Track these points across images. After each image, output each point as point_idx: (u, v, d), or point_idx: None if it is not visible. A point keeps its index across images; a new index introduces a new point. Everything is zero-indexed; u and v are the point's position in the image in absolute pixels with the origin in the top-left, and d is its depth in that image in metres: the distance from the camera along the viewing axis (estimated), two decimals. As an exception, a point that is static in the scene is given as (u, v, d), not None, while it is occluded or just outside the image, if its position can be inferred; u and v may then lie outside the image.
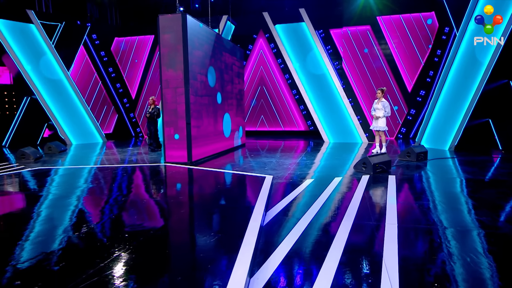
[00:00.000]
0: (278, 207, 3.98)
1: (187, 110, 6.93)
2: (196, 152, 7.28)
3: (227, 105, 9.27)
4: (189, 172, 6.04)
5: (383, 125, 8.21)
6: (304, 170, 6.29)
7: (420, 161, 7.14)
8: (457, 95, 9.12)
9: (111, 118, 13.67)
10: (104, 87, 13.37)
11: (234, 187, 4.95)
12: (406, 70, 12.12)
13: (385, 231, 3.17)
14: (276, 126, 14.26)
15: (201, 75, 7.55)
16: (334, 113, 11.67)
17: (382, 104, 8.00)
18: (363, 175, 5.71)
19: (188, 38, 6.83)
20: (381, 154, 6.15)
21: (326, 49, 13.02)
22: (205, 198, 4.30)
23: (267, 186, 4.60)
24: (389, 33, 12.09)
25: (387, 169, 5.99)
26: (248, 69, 14.36)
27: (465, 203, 4.08)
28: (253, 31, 14.01)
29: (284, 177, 5.61)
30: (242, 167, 6.60)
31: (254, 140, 12.26)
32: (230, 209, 3.78)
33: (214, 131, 8.36)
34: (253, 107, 14.44)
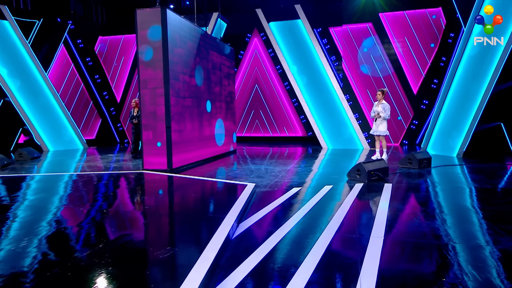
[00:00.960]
0: (254, 218, 3.81)
1: (167, 112, 6.79)
2: (177, 159, 7.13)
3: (215, 108, 9.14)
4: (166, 180, 5.88)
5: (384, 130, 8.05)
6: (293, 178, 6.13)
7: (423, 168, 6.96)
8: (465, 97, 8.96)
9: (94, 123, 13.56)
10: (87, 90, 13.29)
11: (209, 196, 4.78)
12: (411, 71, 12.00)
13: (368, 245, 2.98)
14: (272, 131, 14.13)
15: (184, 75, 7.43)
16: (333, 117, 11.52)
17: (383, 107, 7.85)
18: (356, 183, 5.54)
19: (168, 34, 6.72)
20: (378, 160, 5.97)
21: (325, 49, 12.93)
22: (173, 208, 4.13)
23: (246, 195, 4.43)
24: (392, 31, 11.99)
25: (384, 176, 5.81)
26: (242, 70, 14.28)
27: (468, 215, 3.89)
28: (247, 29, 13.96)
29: (269, 185, 5.47)
30: (226, 175, 6.46)
31: (247, 147, 12.12)
32: (197, 220, 3.60)
33: (199, 136, 8.21)
34: (247, 110, 14.32)
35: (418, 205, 4.31)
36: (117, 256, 2.67)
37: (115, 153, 10.62)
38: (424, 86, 11.87)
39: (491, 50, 8.35)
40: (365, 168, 5.63)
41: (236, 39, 13.94)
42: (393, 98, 12.09)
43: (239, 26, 13.92)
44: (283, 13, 11.82)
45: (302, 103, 11.79)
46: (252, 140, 14.19)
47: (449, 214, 3.92)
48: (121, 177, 6.25)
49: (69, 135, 11.78)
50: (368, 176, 5.62)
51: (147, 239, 3.00)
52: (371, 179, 5.66)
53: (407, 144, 12.19)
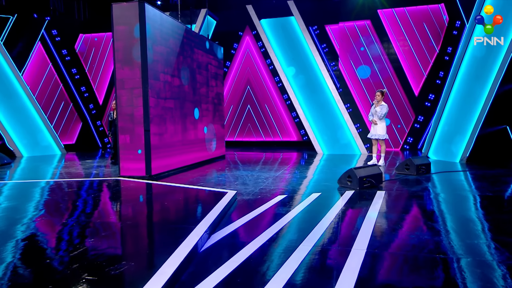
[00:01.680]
0: (229, 229, 3.69)
1: (145, 114, 6.68)
2: (157, 165, 7.01)
3: (201, 111, 9.04)
4: (141, 188, 5.75)
5: (383, 133, 7.97)
6: (280, 185, 6.03)
7: (421, 174, 6.87)
8: (468, 99, 8.90)
9: (74, 127, 13.44)
10: (66, 91, 13.18)
11: (184, 205, 4.66)
12: (412, 71, 11.96)
13: (348, 258, 2.86)
14: (266, 135, 14.04)
15: (166, 74, 7.33)
16: (329, 121, 11.44)
17: (381, 108, 7.79)
18: (347, 191, 5.43)
19: (147, 30, 6.63)
20: (371, 166, 5.87)
21: (321, 48, 12.89)
22: (140, 218, 4.00)
23: (223, 204, 4.31)
24: (392, 29, 11.97)
25: (377, 183, 5.70)
26: (233, 70, 14.22)
27: (467, 226, 3.78)
28: (238, 27, 13.92)
29: (252, 193, 5.37)
30: (209, 182, 6.36)
31: (239, 152, 12.03)
32: (163, 231, 3.48)
33: (183, 140, 8.10)
34: (238, 113, 14.23)
35: (411, 215, 4.20)
36: (62, 273, 2.54)
37: (96, 158, 10.48)
38: (426, 87, 11.83)
39: (494, 50, 8.30)
40: (357, 174, 5.52)
41: (227, 37, 13.90)
42: (393, 100, 12.04)
43: (230, 24, 13.87)
44: (276, 9, 11.79)
45: (295, 106, 11.71)
46: (244, 145, 14.09)
47: (444, 224, 3.81)
48: (93, 185, 6.12)
49: (45, 140, 11.64)
50: (359, 183, 5.51)
51: (100, 253, 2.87)
52: (363, 186, 5.55)
53: (408, 149, 12.12)
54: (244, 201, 4.92)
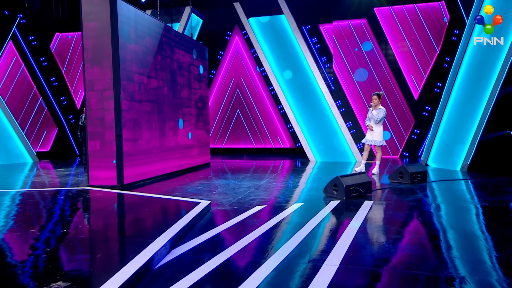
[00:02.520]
0: (193, 243, 3.57)
1: (117, 118, 6.57)
2: (130, 173, 6.88)
3: (182, 115, 8.94)
4: (109, 199, 5.62)
5: (380, 139, 7.89)
6: (261, 194, 5.92)
7: (416, 183, 6.77)
8: (468, 103, 8.84)
9: (49, 133, 13.29)
10: (40, 94, 13.06)
11: (149, 217, 4.54)
12: (411, 73, 11.93)
13: (317, 274, 2.74)
14: (256, 142, 13.95)
15: (141, 75, 7.24)
16: (322, 126, 11.36)
17: (378, 112, 7.72)
18: (332, 201, 5.33)
19: (119, 27, 6.55)
20: (359, 174, 5.77)
21: (315, 48, 12.87)
22: (96, 232, 3.87)
23: (191, 216, 4.19)
24: (389, 28, 11.96)
25: (366, 193, 5.60)
26: (222, 72, 14.18)
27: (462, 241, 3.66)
28: (226, 26, 13.91)
29: (229, 203, 5.26)
30: (186, 191, 6.25)
31: (227, 160, 11.95)
32: (117, 246, 3.35)
33: (161, 146, 7.99)
34: (227, 119, 14.15)
35: (397, 227, 4.09)
36: None
37: (73, 166, 10.32)
38: (426, 90, 11.79)
39: (495, 50, 8.26)
40: (343, 183, 5.42)
41: (215, 37, 13.88)
42: (391, 104, 12.00)
43: (218, 23, 13.86)
44: (265, 7, 11.77)
45: (286, 110, 11.64)
46: (233, 152, 14.00)
47: (433, 238, 3.70)
48: (56, 195, 5.98)
49: (15, 147, 11.49)
50: (346, 192, 5.41)
51: (40, 272, 2.74)
52: (350, 196, 5.45)
53: (408, 156, 12.05)
54: (218, 212, 4.82)
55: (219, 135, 14.25)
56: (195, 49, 9.80)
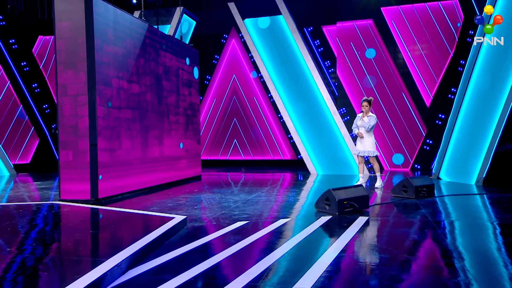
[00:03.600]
0: (157, 261, 3.46)
1: (91, 126, 6.51)
2: (107, 186, 6.79)
3: (169, 123, 8.88)
4: (75, 214, 5.53)
5: (373, 148, 7.81)
6: (247, 209, 5.81)
7: (422, 198, 6.60)
8: (483, 110, 8.69)
9: (30, 144, 13.30)
10: (21, 102, 13.09)
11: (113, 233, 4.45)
12: (422, 78, 11.81)
13: (282, 299, 2.61)
14: (254, 153, 13.86)
15: (120, 79, 7.20)
16: (324, 136, 11.25)
17: (369, 119, 7.66)
18: (323, 216, 5.19)
19: (95, 27, 6.53)
20: (354, 187, 5.64)
21: (318, 52, 12.84)
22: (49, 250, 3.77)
23: (159, 232, 4.08)
24: (398, 30, 11.89)
25: (361, 208, 5.45)
26: (218, 78, 14.18)
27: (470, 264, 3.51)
28: (222, 29, 13.95)
29: (209, 219, 5.17)
30: (165, 207, 6.15)
31: (222, 172, 11.87)
32: (63, 266, 3.24)
33: (143, 157, 7.91)
34: (223, 128, 14.09)
35: (389, 247, 3.93)
36: None
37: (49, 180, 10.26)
38: (439, 96, 11.65)
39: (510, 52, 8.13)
40: (335, 197, 5.29)
41: (210, 40, 13.91)
42: (400, 112, 11.87)
43: (213, 25, 13.91)
44: (262, 7, 11.78)
45: (285, 119, 11.55)
46: (228, 164, 13.91)
47: (430, 260, 3.55)
48: (20, 210, 5.89)
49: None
50: (339, 206, 5.27)
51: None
52: (343, 211, 5.31)
53: (419, 169, 11.87)
54: (194, 228, 4.72)
55: (214, 145, 14.18)
56: (184, 52, 9.78)
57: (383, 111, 11.91)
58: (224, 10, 12.59)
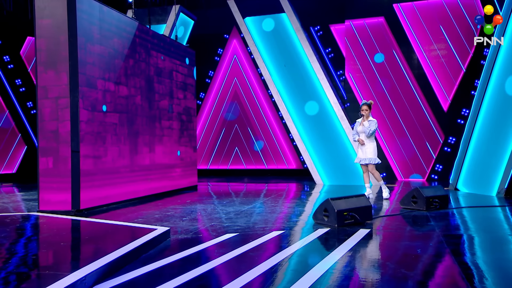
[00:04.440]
0: (128, 276, 3.40)
1: (73, 131, 6.49)
2: (90, 196, 6.74)
3: (160, 129, 8.86)
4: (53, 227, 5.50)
5: (373, 156, 7.73)
6: (238, 221, 5.76)
7: (434, 210, 6.46)
8: (504, 113, 8.55)
9: (16, 152, 13.37)
10: (7, 107, 13.19)
11: (87, 245, 4.42)
12: (439, 81, 11.68)
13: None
14: (257, 162, 13.80)
15: (107, 81, 7.20)
16: (331, 143, 11.16)
17: (369, 124, 7.60)
18: (320, 228, 5.11)
19: (78, 25, 6.54)
20: (355, 196, 5.54)
21: (325, 53, 12.81)
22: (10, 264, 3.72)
23: (135, 245, 4.03)
24: (412, 28, 11.81)
25: (363, 220, 5.35)
26: (218, 81, 14.21)
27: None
28: (223, 28, 13.98)
29: (195, 231, 5.13)
30: (151, 218, 6.13)
31: (222, 183, 11.87)
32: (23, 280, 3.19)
33: (132, 165, 7.87)
34: (223, 135, 14.08)
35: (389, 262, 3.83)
36: None
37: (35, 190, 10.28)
38: (457, 99, 11.50)
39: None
40: (334, 207, 5.19)
41: (210, 41, 13.95)
42: (415, 117, 11.73)
43: (213, 25, 13.96)
44: (264, 5, 11.79)
45: (289, 124, 11.50)
46: (229, 174, 13.86)
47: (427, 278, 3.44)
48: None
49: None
50: (338, 218, 5.17)
51: None
52: (343, 223, 5.21)
53: (437, 179, 11.69)
54: (177, 241, 4.67)
55: (214, 154, 14.15)
56: (179, 53, 9.79)
57: (396, 116, 11.80)
58: (225, 9, 12.63)
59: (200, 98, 14.14)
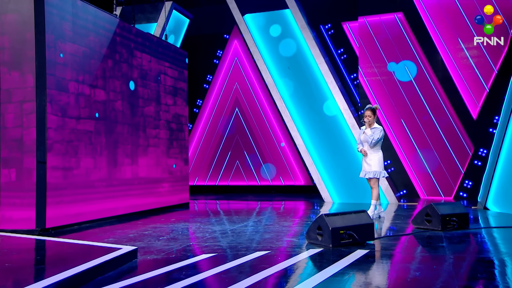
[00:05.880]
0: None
1: (40, 139, 6.51)
2: (58, 213, 6.73)
3: (145, 138, 8.86)
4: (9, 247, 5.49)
5: (380, 168, 7.54)
6: (222, 240, 5.79)
7: (451, 230, 6.30)
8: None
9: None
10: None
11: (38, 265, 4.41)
12: (467, 85, 11.52)
13: None
14: (260, 178, 13.73)
15: (81, 84, 7.23)
16: (341, 157, 11.07)
17: (373, 132, 7.45)
18: (312, 249, 5.04)
19: (47, 21, 6.59)
20: (354, 212, 5.44)
21: (337, 54, 12.79)
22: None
23: (89, 265, 3.99)
24: (435, 25, 11.72)
25: (362, 239, 5.23)
26: (217, 87, 14.25)
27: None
28: (222, 28, 14.06)
29: (169, 251, 5.12)
30: (124, 237, 6.13)
31: (221, 200, 11.93)
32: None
33: (109, 179, 7.87)
34: (222, 147, 14.06)
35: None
36: None
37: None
38: (488, 106, 11.29)
39: None
40: (329, 225, 5.09)
41: (208, 42, 14.03)
42: (440, 126, 11.53)
43: (211, 24, 14.05)
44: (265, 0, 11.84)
45: (293, 134, 11.48)
46: (229, 191, 13.85)
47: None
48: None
49: None
50: (333, 237, 5.06)
51: None
52: (339, 243, 5.10)
53: (466, 197, 11.47)
54: (144, 262, 4.65)
55: (212, 168, 14.13)
56: (168, 54, 9.84)
57: (418, 125, 11.64)
58: (224, 5, 12.72)
59: (197, 105, 14.19)
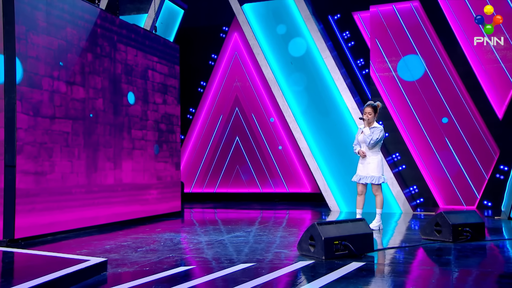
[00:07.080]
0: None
1: (8, 141, 6.56)
2: (30, 222, 6.74)
3: (130, 140, 8.90)
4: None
5: (377, 173, 7.45)
6: (206, 252, 5.87)
7: (463, 241, 6.25)
8: None
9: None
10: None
11: None
12: (492, 81, 11.46)
13: None
14: (263, 185, 13.74)
15: (56, 80, 7.28)
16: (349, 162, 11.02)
17: (372, 131, 7.36)
18: (302, 261, 5.06)
19: (16, 9, 6.63)
20: (350, 221, 5.43)
21: (347, 47, 12.79)
22: None
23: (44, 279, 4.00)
24: (455, 15, 11.68)
25: (359, 252, 5.20)
26: (215, 84, 14.30)
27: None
28: (221, 20, 14.11)
29: (142, 263, 5.12)
30: (99, 248, 6.17)
31: (218, 209, 12.01)
32: None
33: (89, 185, 7.90)
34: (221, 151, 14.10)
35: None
36: None
37: None
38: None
39: None
40: (322, 235, 5.06)
41: (205, 35, 14.08)
42: (461, 129, 11.46)
43: (208, 15, 14.11)
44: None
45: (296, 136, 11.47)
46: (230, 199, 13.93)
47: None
48: None
49: None
50: (326, 248, 5.04)
51: None
52: (332, 255, 5.08)
53: (491, 206, 11.38)
54: (114, 275, 4.66)
55: (210, 174, 14.15)
56: (157, 48, 9.89)
57: (437, 125, 11.58)
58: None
59: (193, 105, 14.22)
